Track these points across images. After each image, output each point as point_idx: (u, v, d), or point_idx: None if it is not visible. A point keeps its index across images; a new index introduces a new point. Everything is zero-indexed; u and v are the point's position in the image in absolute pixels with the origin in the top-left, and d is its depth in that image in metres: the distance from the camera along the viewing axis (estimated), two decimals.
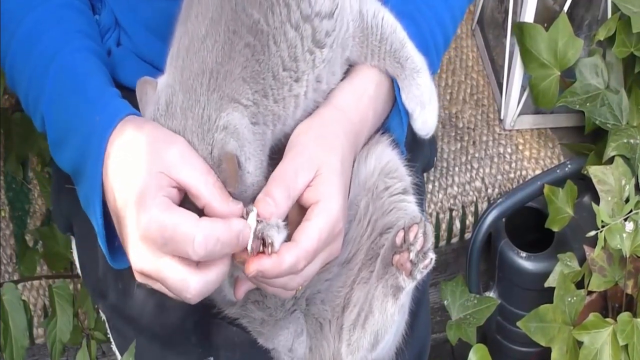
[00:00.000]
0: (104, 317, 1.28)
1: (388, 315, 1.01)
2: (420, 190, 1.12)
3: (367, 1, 1.02)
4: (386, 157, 1.06)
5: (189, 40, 0.93)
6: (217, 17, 0.92)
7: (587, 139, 1.63)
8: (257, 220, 0.88)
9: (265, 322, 1.05)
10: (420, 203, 1.12)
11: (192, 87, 0.91)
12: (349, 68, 1.04)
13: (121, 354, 1.22)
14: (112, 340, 1.25)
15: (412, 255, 0.98)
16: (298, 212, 0.95)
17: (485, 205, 1.63)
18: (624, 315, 1.42)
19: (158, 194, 0.86)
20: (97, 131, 0.94)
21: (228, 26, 0.91)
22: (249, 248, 0.88)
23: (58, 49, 1.02)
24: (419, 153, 1.26)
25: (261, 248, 0.88)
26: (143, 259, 0.87)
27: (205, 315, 1.07)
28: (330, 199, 0.94)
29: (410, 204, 1.05)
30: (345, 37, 0.99)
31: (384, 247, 1.02)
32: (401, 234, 1.00)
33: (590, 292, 1.49)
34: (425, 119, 1.08)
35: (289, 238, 0.91)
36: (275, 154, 0.97)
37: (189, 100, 0.90)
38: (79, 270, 1.32)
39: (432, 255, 0.99)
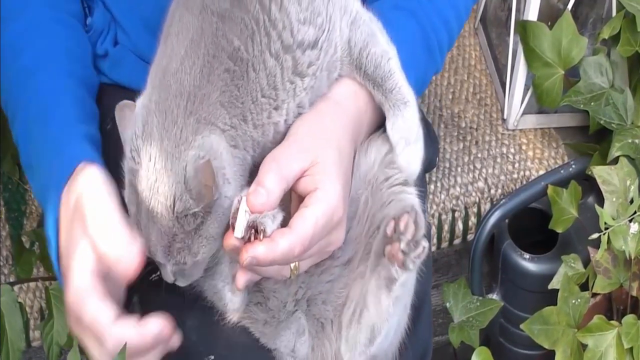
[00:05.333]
0: None
1: (383, 308, 1.00)
2: (421, 190, 1.11)
3: (358, 26, 1.00)
4: (386, 148, 1.05)
5: (167, 60, 0.93)
6: (197, 38, 0.92)
7: (592, 139, 1.62)
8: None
9: (267, 323, 1.05)
10: (422, 202, 1.10)
11: (170, 108, 0.90)
12: None
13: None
14: None
15: (402, 245, 0.97)
16: (296, 204, 0.94)
17: (488, 206, 1.62)
18: (629, 318, 1.42)
19: (86, 267, 0.90)
20: (52, 181, 0.98)
21: (208, 49, 0.91)
22: (239, 235, 0.88)
23: (38, 68, 1.04)
24: None
25: (252, 238, 0.88)
26: (69, 319, 0.93)
27: (206, 313, 1.06)
28: (328, 187, 0.93)
29: (410, 195, 1.04)
30: (333, 60, 0.98)
31: (377, 239, 1.01)
32: (392, 224, 0.98)
33: (594, 294, 1.49)
34: (408, 159, 1.03)
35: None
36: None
37: (165, 121, 0.90)
38: None
39: (424, 244, 0.98)
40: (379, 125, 1.06)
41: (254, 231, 0.88)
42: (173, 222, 0.91)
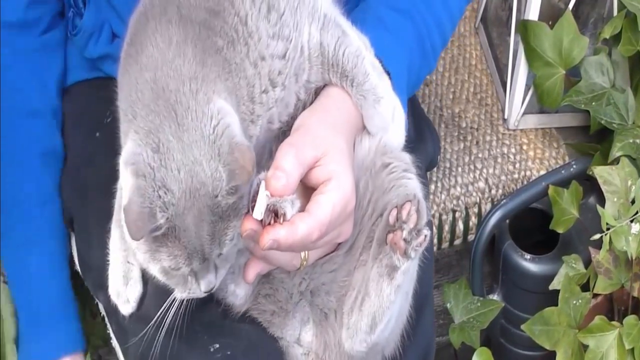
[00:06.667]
0: (103, 312, 1.27)
1: (384, 296, 1.01)
2: (424, 182, 1.12)
3: (328, 30, 1.00)
4: (379, 137, 1.06)
5: (151, 71, 0.91)
6: (182, 41, 0.91)
7: (593, 139, 1.62)
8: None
9: (275, 313, 1.07)
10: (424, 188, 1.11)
11: (177, 101, 0.89)
12: None
13: (121, 346, 1.21)
14: (111, 334, 1.25)
15: (405, 234, 0.98)
16: (304, 194, 0.95)
17: (488, 206, 1.62)
18: (630, 319, 1.42)
19: None
20: None
21: (195, 44, 0.91)
22: (258, 217, 0.88)
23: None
24: (422, 151, 1.25)
25: (272, 221, 0.89)
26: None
27: (210, 302, 1.07)
28: (343, 177, 0.95)
29: (411, 180, 1.04)
30: (300, 62, 0.99)
31: (379, 227, 1.02)
32: (394, 212, 1.00)
33: (595, 295, 1.49)
34: (390, 139, 1.06)
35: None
36: None
37: (177, 117, 0.88)
38: (77, 267, 1.31)
39: (426, 232, 0.99)
40: None
41: (274, 215, 0.89)
42: (220, 200, 0.88)
